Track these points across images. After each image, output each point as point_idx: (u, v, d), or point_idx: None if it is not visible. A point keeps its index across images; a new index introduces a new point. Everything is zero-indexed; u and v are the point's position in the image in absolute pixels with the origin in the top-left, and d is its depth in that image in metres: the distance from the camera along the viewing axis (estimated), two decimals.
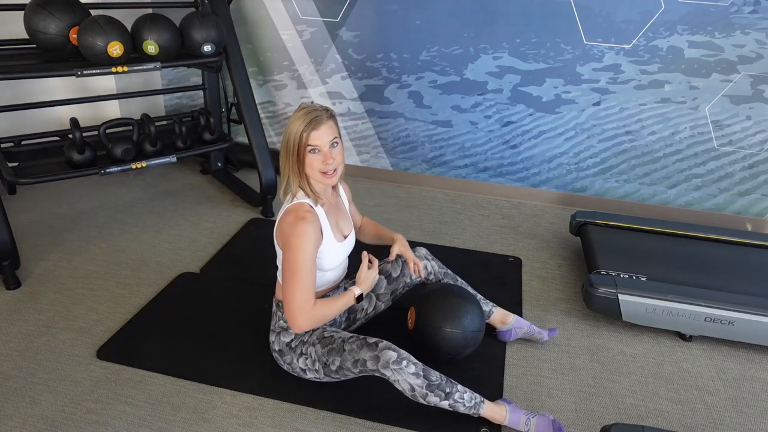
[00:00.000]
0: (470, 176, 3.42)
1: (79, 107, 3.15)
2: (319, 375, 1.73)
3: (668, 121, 2.99)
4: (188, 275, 2.44)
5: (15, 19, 2.41)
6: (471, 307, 1.84)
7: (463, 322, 1.79)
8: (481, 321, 1.85)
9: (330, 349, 1.67)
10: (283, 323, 1.78)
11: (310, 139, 1.56)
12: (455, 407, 1.61)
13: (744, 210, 3.08)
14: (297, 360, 1.75)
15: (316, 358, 1.70)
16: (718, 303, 2.02)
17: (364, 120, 3.44)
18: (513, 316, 2.05)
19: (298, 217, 1.58)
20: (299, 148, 1.57)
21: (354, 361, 1.62)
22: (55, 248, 2.62)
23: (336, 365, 1.66)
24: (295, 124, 1.57)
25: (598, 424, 1.74)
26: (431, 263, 2.00)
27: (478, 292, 2.05)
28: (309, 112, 1.57)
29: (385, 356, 1.57)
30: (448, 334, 1.79)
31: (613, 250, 2.41)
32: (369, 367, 1.59)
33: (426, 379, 1.58)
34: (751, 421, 1.79)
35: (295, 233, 1.57)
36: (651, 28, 2.81)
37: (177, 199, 3.18)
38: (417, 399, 1.59)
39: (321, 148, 1.58)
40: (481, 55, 3.08)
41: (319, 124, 1.56)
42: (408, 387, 1.57)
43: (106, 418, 1.68)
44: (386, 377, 1.59)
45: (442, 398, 1.59)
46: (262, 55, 3.43)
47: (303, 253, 1.57)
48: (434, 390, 1.58)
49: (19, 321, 2.11)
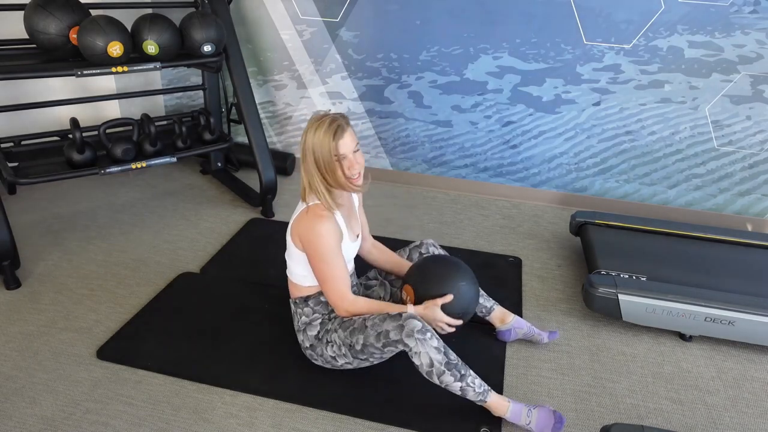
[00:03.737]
0: (470, 176, 3.42)
1: (79, 107, 3.15)
2: (348, 359, 1.75)
3: (668, 121, 2.99)
4: (188, 275, 2.44)
5: (15, 19, 2.41)
6: (462, 268, 1.81)
7: (460, 283, 1.75)
8: (474, 279, 1.81)
9: (352, 330, 1.69)
10: (305, 318, 1.81)
11: (339, 149, 1.58)
12: (465, 391, 1.61)
13: (744, 210, 3.08)
14: (326, 350, 1.77)
15: (341, 342, 1.72)
16: (718, 303, 2.02)
17: (364, 120, 3.44)
18: (513, 315, 2.05)
19: (316, 214, 1.63)
20: (329, 159, 1.59)
21: (377, 335, 1.63)
22: (55, 248, 2.62)
23: (360, 344, 1.67)
24: (320, 137, 1.58)
25: (598, 424, 1.74)
26: (438, 251, 2.05)
27: None
28: (332, 121, 1.59)
29: (409, 325, 1.58)
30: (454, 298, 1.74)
31: (613, 250, 2.41)
32: (392, 338, 1.60)
33: (446, 356, 1.59)
34: (751, 421, 1.79)
35: (315, 230, 1.62)
36: (651, 28, 2.81)
37: (177, 199, 3.18)
38: (432, 377, 1.60)
39: (347, 155, 1.61)
40: (481, 55, 3.09)
41: (344, 132, 1.60)
42: (428, 361, 1.58)
43: (105, 418, 1.68)
44: (409, 348, 1.58)
45: (456, 378, 1.60)
46: (262, 55, 3.43)
47: (329, 246, 1.63)
48: (452, 369, 1.59)
49: (19, 321, 2.11)
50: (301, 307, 1.82)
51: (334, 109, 3.45)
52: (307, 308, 1.80)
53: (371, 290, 2.01)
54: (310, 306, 1.80)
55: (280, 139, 3.68)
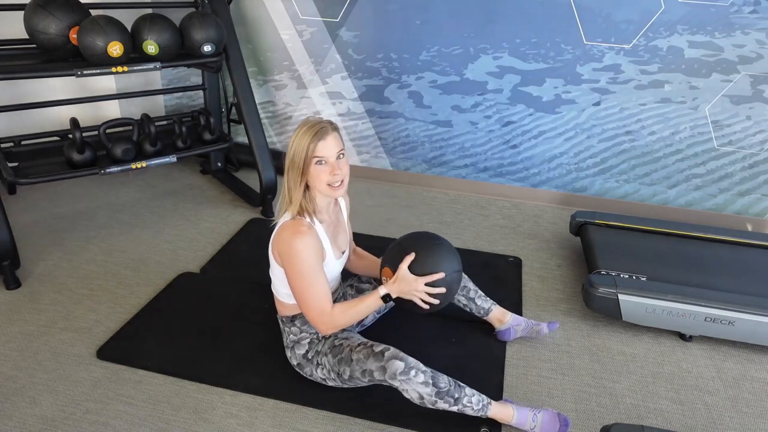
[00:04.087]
0: (470, 176, 3.42)
1: (79, 107, 3.15)
2: (337, 383, 1.74)
3: (668, 121, 2.99)
4: (188, 275, 2.44)
5: (15, 19, 2.41)
6: (444, 248, 1.70)
7: (442, 266, 1.64)
8: (457, 258, 1.72)
9: (339, 359, 1.67)
10: (293, 337, 1.79)
11: (317, 150, 1.54)
12: (463, 411, 1.62)
13: (744, 210, 3.08)
14: (315, 371, 1.75)
15: (330, 368, 1.70)
16: (718, 303, 2.02)
17: (364, 120, 3.44)
18: (510, 314, 2.05)
19: (295, 231, 1.56)
20: (306, 160, 1.54)
21: (362, 371, 1.62)
22: (55, 248, 2.62)
23: (347, 375, 1.66)
24: (300, 138, 1.55)
25: (598, 424, 1.74)
26: None
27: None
28: (314, 125, 1.56)
29: (392, 367, 1.55)
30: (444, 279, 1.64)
31: (613, 250, 2.41)
32: (377, 378, 1.60)
33: (435, 386, 1.57)
34: (751, 421, 1.79)
35: (293, 246, 1.55)
36: (651, 28, 2.81)
37: (177, 199, 3.18)
38: (426, 406, 1.60)
39: (328, 159, 1.56)
40: (481, 55, 3.08)
41: (326, 135, 1.55)
42: (417, 396, 1.57)
43: (105, 418, 1.68)
44: (395, 387, 1.58)
45: (451, 404, 1.59)
46: (262, 55, 3.43)
47: (306, 263, 1.56)
48: (443, 397, 1.58)
49: (19, 321, 2.11)
50: (288, 325, 1.79)
51: (335, 109, 3.46)
52: (294, 327, 1.77)
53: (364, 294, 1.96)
54: (297, 326, 1.77)
55: (280, 139, 3.68)
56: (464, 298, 2.00)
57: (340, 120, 3.48)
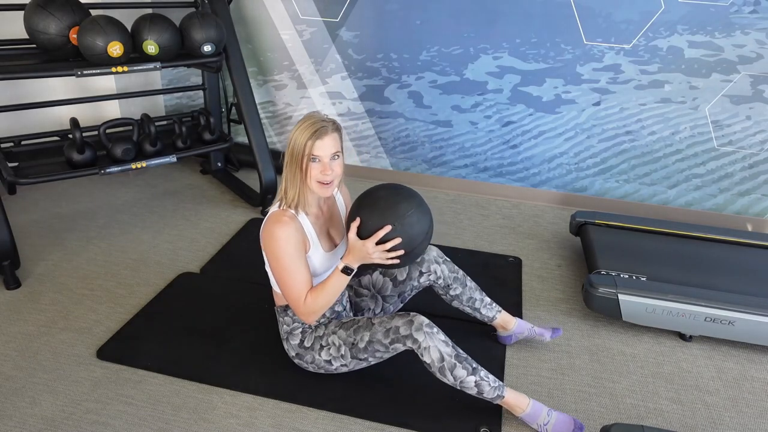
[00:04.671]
0: (470, 176, 3.42)
1: (79, 107, 3.15)
2: (345, 360, 1.72)
3: (668, 121, 2.99)
4: (188, 275, 2.44)
5: (15, 19, 2.41)
6: (384, 200, 1.61)
7: (400, 210, 1.57)
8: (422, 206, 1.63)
9: (356, 327, 1.69)
10: (286, 327, 1.79)
11: (314, 149, 1.55)
12: (481, 386, 1.61)
13: (744, 210, 3.08)
14: (319, 354, 1.75)
15: (342, 342, 1.70)
16: (718, 303, 2.02)
17: (364, 120, 3.44)
18: (515, 321, 2.02)
19: (276, 220, 1.59)
20: (302, 156, 1.56)
21: (386, 331, 1.63)
22: (55, 248, 2.62)
23: (365, 341, 1.66)
24: (300, 133, 1.56)
25: (598, 424, 1.74)
26: (441, 267, 1.92)
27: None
28: (315, 122, 1.57)
29: (417, 320, 1.60)
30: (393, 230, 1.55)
31: (613, 250, 2.41)
32: (402, 333, 1.60)
33: (455, 349, 1.60)
34: (751, 421, 1.79)
35: (273, 235, 1.58)
36: (651, 28, 2.81)
37: (177, 199, 3.18)
38: (445, 374, 1.59)
39: (322, 159, 1.57)
40: (481, 55, 3.09)
41: (324, 135, 1.56)
42: (438, 356, 1.58)
43: (105, 418, 1.68)
44: (417, 344, 1.58)
45: (469, 372, 1.60)
46: (262, 55, 3.43)
47: (284, 251, 1.58)
48: (462, 362, 1.59)
49: (19, 321, 2.11)
50: (282, 315, 1.80)
51: (335, 109, 3.46)
52: (287, 317, 1.78)
53: (361, 298, 1.96)
54: (290, 315, 1.77)
55: (280, 139, 3.68)
56: (469, 308, 1.99)
57: (341, 120, 3.48)
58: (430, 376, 1.63)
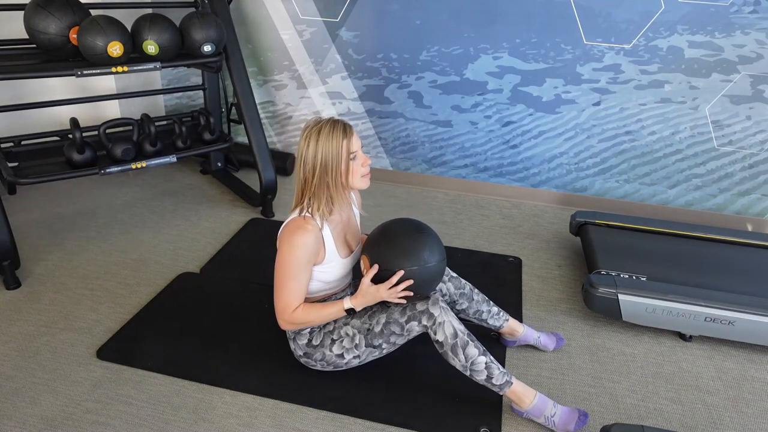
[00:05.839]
0: (470, 176, 3.42)
1: (79, 107, 3.15)
2: (359, 350, 1.72)
3: (668, 121, 2.99)
4: (188, 275, 2.44)
5: (15, 19, 2.41)
6: (426, 237, 1.65)
7: (423, 255, 1.60)
8: (440, 248, 1.67)
9: (371, 313, 1.70)
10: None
11: (352, 146, 1.58)
12: (491, 369, 1.62)
13: (744, 210, 3.08)
14: (330, 350, 1.74)
15: (356, 331, 1.70)
16: (718, 303, 2.02)
17: (364, 120, 3.44)
18: (523, 329, 2.01)
19: (299, 226, 1.59)
20: (341, 159, 1.56)
21: (402, 309, 1.65)
22: (55, 248, 2.62)
23: (381, 323, 1.66)
24: (327, 140, 1.54)
25: (598, 424, 1.74)
26: (446, 285, 1.91)
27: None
28: (334, 123, 1.56)
29: (434, 297, 1.65)
30: (411, 272, 1.59)
31: (613, 250, 2.41)
32: (418, 309, 1.62)
33: (467, 329, 1.63)
34: (751, 421, 1.79)
35: (292, 239, 1.58)
36: (651, 28, 2.81)
37: (177, 199, 3.18)
38: (456, 351, 1.60)
39: (358, 152, 1.61)
40: (481, 55, 3.09)
41: (351, 131, 1.59)
42: (452, 332, 1.60)
43: (106, 418, 1.68)
44: (433, 319, 1.60)
45: (480, 352, 1.61)
46: (262, 55, 3.43)
47: (293, 258, 1.59)
48: (474, 341, 1.61)
49: (19, 321, 2.11)
50: None
51: (335, 109, 3.46)
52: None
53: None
54: None
55: (280, 139, 3.68)
56: (476, 320, 1.99)
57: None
58: (431, 377, 1.64)
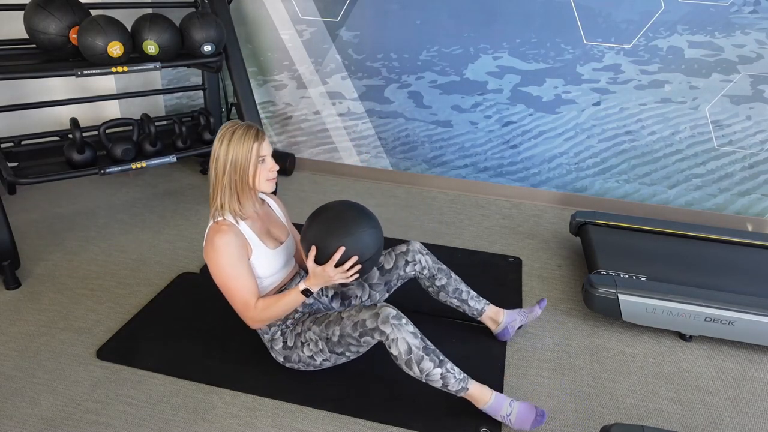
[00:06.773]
0: (470, 176, 3.42)
1: (79, 107, 3.15)
2: (325, 354, 1.73)
3: (668, 121, 2.99)
4: (188, 275, 2.44)
5: (15, 19, 2.41)
6: (349, 209, 1.66)
7: (351, 225, 1.60)
8: (369, 215, 1.67)
9: (327, 323, 1.70)
10: (267, 336, 1.81)
11: (261, 150, 1.63)
12: (446, 378, 1.61)
13: (744, 210, 3.08)
14: (302, 351, 1.76)
15: (317, 338, 1.71)
16: (718, 303, 2.01)
17: (364, 120, 3.44)
18: (504, 312, 2.04)
19: (216, 230, 1.63)
20: (249, 162, 1.61)
21: (353, 324, 1.64)
22: (55, 248, 2.62)
23: (337, 335, 1.67)
24: (239, 143, 1.59)
25: (598, 424, 1.74)
26: (425, 257, 1.96)
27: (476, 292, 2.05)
28: (246, 128, 1.62)
29: (384, 312, 1.60)
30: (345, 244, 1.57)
31: (613, 250, 2.41)
32: (368, 326, 1.61)
33: (423, 341, 1.60)
34: (751, 421, 1.79)
35: (214, 244, 1.62)
36: (651, 28, 2.81)
37: (177, 199, 3.18)
38: (411, 366, 1.59)
39: (267, 157, 1.66)
40: (481, 55, 3.09)
41: (263, 136, 1.64)
42: (405, 348, 1.58)
43: (106, 418, 1.68)
44: (385, 336, 1.59)
45: (436, 364, 1.60)
46: (262, 55, 3.43)
47: (226, 257, 1.62)
48: (429, 354, 1.59)
49: (19, 321, 2.11)
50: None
51: (335, 109, 3.46)
52: (264, 326, 1.78)
53: (348, 287, 1.96)
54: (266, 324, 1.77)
55: (280, 139, 3.68)
56: (456, 300, 2.00)
57: (340, 120, 3.49)
58: None
